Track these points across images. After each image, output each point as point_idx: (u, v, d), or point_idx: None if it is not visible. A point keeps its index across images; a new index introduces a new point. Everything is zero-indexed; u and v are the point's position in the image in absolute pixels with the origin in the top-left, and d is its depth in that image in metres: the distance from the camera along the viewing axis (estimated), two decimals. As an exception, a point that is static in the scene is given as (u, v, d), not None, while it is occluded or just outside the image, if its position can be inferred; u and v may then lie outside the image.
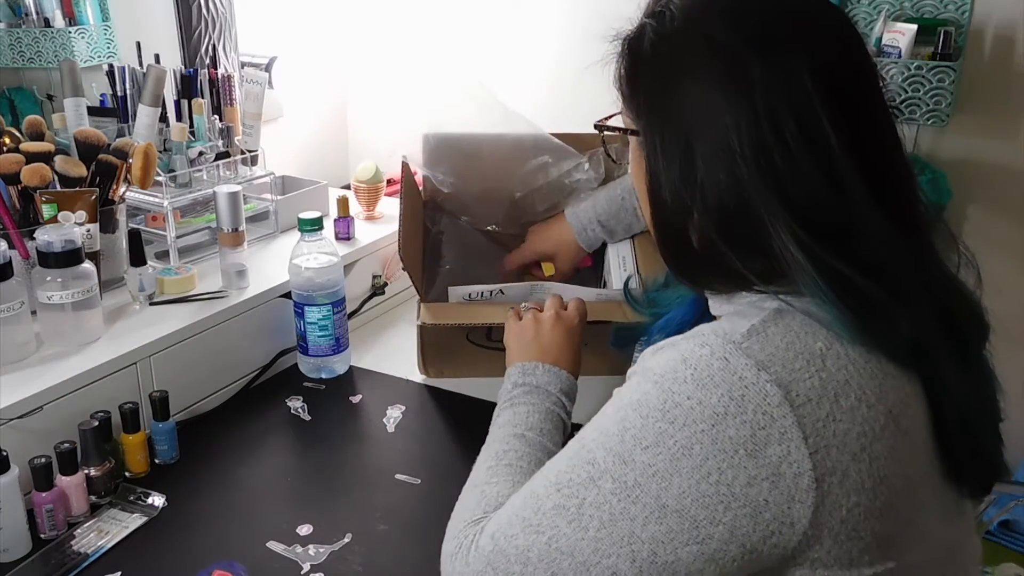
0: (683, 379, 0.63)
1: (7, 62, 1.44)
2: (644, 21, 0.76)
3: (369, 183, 1.64)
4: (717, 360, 0.62)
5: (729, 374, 0.61)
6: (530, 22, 1.78)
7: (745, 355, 0.62)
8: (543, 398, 0.94)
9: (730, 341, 0.63)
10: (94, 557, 0.96)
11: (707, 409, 0.61)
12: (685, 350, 0.64)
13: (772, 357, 0.62)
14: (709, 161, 0.66)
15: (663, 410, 0.63)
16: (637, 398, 0.65)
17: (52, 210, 1.18)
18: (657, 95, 0.72)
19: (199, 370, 1.24)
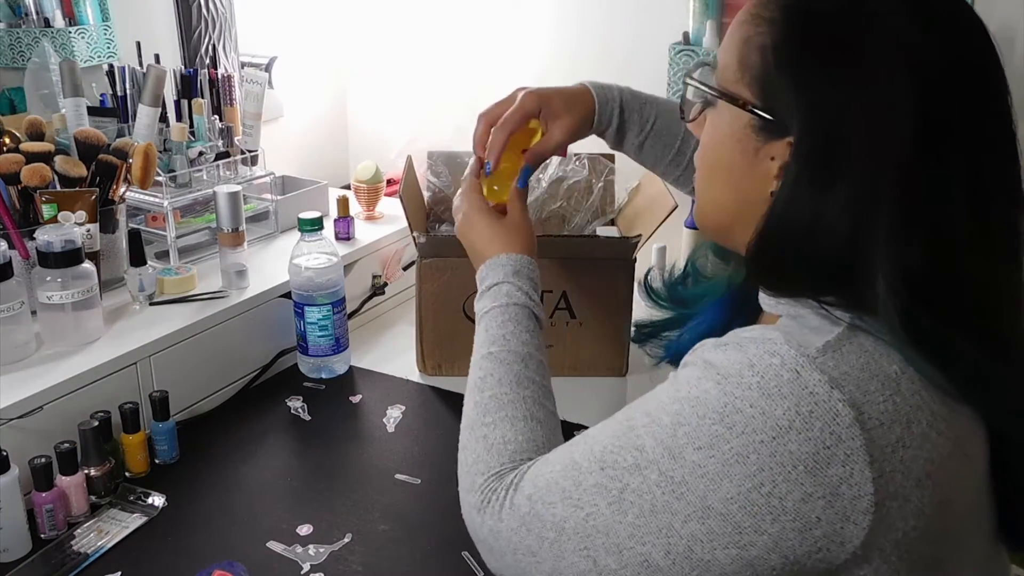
0: (748, 385, 0.60)
1: (7, 62, 1.44)
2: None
3: (369, 183, 1.64)
4: (788, 372, 0.59)
5: (799, 388, 0.59)
6: (530, 22, 1.78)
7: (819, 370, 0.59)
8: (493, 299, 0.91)
9: (804, 354, 0.60)
10: (94, 557, 0.96)
11: (770, 420, 0.59)
12: (753, 355, 0.61)
13: (846, 376, 0.59)
14: (857, 179, 0.62)
15: (722, 413, 0.61)
16: (696, 394, 0.63)
17: (52, 210, 1.18)
18: (828, 85, 0.63)
19: (199, 370, 1.24)
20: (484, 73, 1.85)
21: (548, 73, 1.77)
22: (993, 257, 0.63)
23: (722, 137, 0.70)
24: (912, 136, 0.61)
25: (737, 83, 0.68)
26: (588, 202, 1.46)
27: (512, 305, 0.89)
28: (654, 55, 1.59)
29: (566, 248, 1.30)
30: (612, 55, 1.70)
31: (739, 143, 0.69)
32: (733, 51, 0.69)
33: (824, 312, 0.65)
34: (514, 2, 1.78)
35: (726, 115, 0.70)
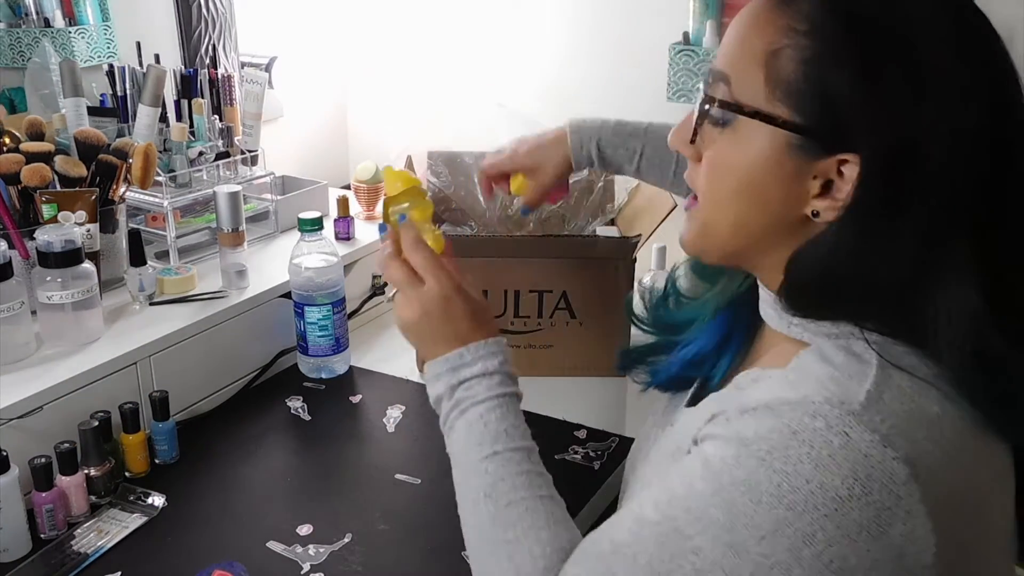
0: (798, 458, 0.57)
1: (7, 62, 1.44)
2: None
3: (369, 183, 1.64)
4: (836, 436, 0.56)
5: (852, 452, 0.56)
6: (530, 22, 1.78)
7: (868, 429, 0.56)
8: (487, 388, 0.77)
9: (849, 412, 0.57)
10: (94, 557, 0.96)
11: (830, 492, 0.56)
12: (793, 421, 0.58)
13: (894, 429, 0.57)
14: (934, 202, 0.59)
15: (778, 495, 0.57)
16: (743, 477, 0.58)
17: (52, 210, 1.18)
18: (909, 102, 0.59)
19: (199, 370, 1.24)
20: (484, 73, 1.85)
21: (548, 73, 1.77)
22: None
23: (750, 157, 0.65)
24: (989, 157, 0.59)
25: (768, 100, 0.63)
26: (588, 202, 1.46)
27: (509, 396, 0.78)
28: (654, 55, 1.59)
29: (566, 248, 1.30)
30: (612, 55, 1.70)
31: (774, 163, 0.64)
32: (753, 65, 0.64)
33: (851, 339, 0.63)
34: (514, 2, 1.78)
35: (754, 134, 0.64)
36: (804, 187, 0.64)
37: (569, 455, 1.15)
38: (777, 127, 0.63)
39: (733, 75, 0.65)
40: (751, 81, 0.64)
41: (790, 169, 0.64)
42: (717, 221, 0.70)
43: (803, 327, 0.68)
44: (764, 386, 0.64)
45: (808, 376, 0.61)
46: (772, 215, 0.66)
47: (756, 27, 0.65)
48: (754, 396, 0.63)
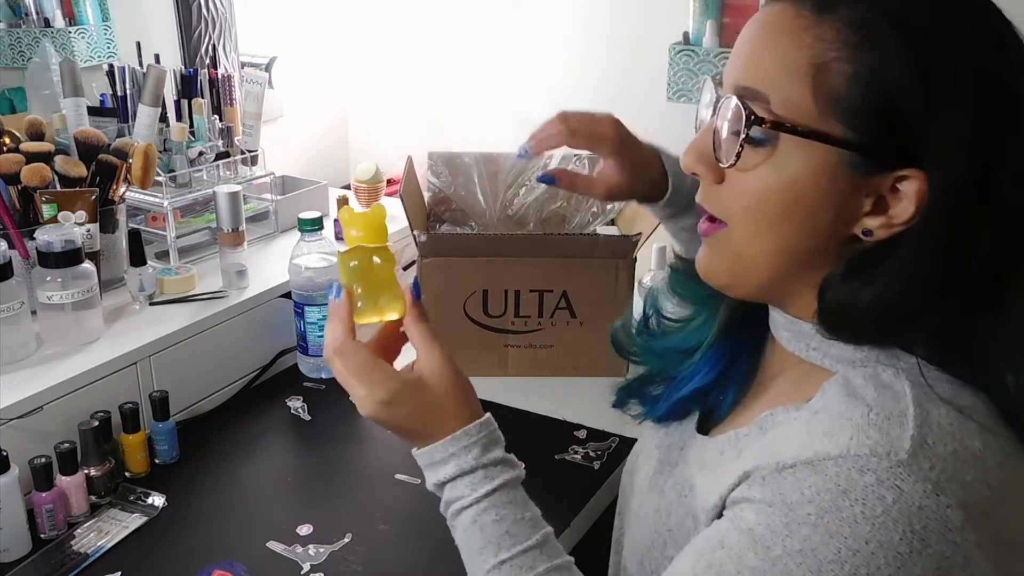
0: (853, 519, 0.54)
1: (7, 62, 1.44)
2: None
3: (369, 183, 1.64)
4: (889, 491, 0.54)
5: (906, 505, 0.54)
6: (530, 22, 1.78)
7: (919, 479, 0.54)
8: (471, 486, 0.71)
9: (898, 463, 0.55)
10: (94, 557, 0.96)
11: (890, 551, 0.54)
12: (839, 478, 0.55)
13: (944, 474, 0.55)
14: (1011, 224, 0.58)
15: (839, 561, 0.54)
16: (797, 546, 0.56)
17: (52, 210, 1.18)
18: (982, 118, 0.57)
19: (199, 370, 1.24)
20: (483, 73, 1.85)
21: (547, 72, 1.77)
22: None
23: (799, 177, 0.61)
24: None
25: (819, 117, 0.59)
26: (588, 202, 1.46)
27: (500, 488, 0.71)
28: (654, 55, 1.59)
29: (566, 247, 1.30)
30: (612, 55, 1.70)
31: (826, 182, 0.60)
32: (795, 80, 0.60)
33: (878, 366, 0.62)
34: (514, 3, 1.78)
35: (801, 152, 0.60)
36: (856, 205, 0.61)
37: (569, 455, 1.15)
38: (833, 145, 0.59)
39: (772, 91, 0.60)
40: (795, 97, 0.60)
41: (843, 187, 0.60)
42: (756, 248, 0.65)
43: (823, 352, 0.66)
44: (793, 430, 0.62)
45: (841, 420, 0.58)
46: (819, 237, 0.62)
47: (791, 39, 0.60)
48: (787, 447, 0.60)
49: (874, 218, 0.60)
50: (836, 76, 0.58)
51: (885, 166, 0.59)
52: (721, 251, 0.67)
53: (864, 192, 0.60)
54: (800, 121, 0.60)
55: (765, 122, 0.60)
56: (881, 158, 0.59)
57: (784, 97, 0.60)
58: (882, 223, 0.60)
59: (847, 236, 0.62)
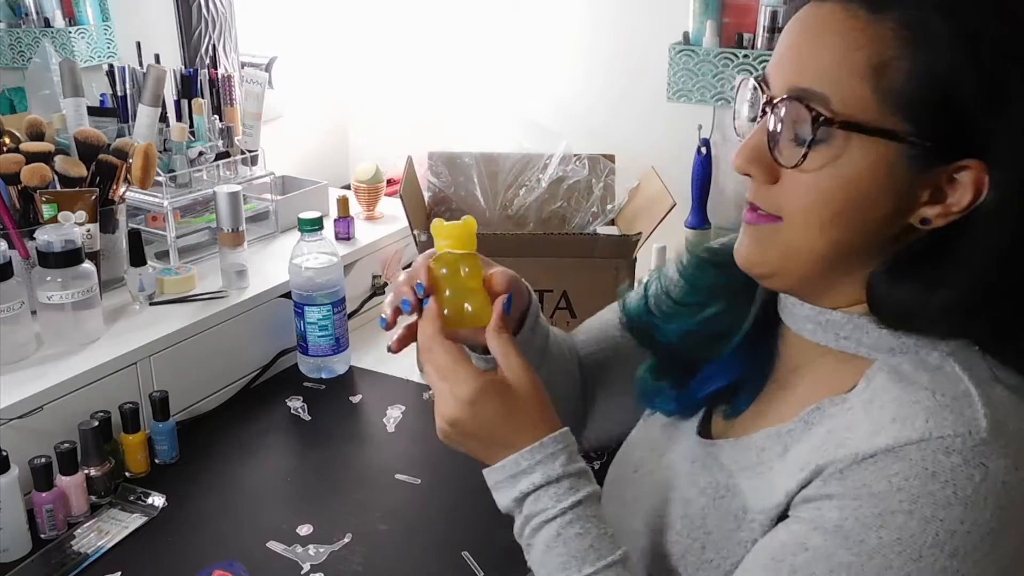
0: (946, 501, 0.56)
1: (7, 62, 1.44)
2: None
3: (369, 183, 1.64)
4: (976, 469, 0.56)
5: (993, 483, 0.56)
6: (530, 22, 1.78)
7: (1000, 455, 0.56)
8: (555, 499, 0.70)
9: (981, 441, 0.56)
10: (94, 557, 0.96)
11: (983, 529, 0.55)
12: (925, 462, 0.56)
13: (1020, 450, 0.57)
14: None
15: (938, 544, 0.55)
16: (894, 536, 0.56)
17: (52, 210, 1.18)
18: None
19: (199, 370, 1.24)
20: (483, 72, 1.85)
21: (548, 72, 1.77)
22: None
23: (861, 173, 0.62)
24: None
25: (881, 114, 0.60)
26: (588, 202, 1.46)
27: (583, 501, 0.70)
28: (654, 55, 1.59)
29: (566, 247, 1.30)
30: (612, 55, 1.70)
31: (886, 177, 0.61)
32: (855, 79, 0.61)
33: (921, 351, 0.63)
34: (514, 3, 1.78)
35: (862, 150, 0.61)
36: (914, 197, 0.62)
37: (569, 455, 1.14)
38: (895, 141, 0.60)
39: (832, 91, 0.61)
40: (857, 96, 0.61)
41: (902, 181, 0.62)
42: (810, 245, 0.65)
43: (856, 341, 0.67)
44: (851, 421, 0.63)
45: (908, 405, 0.60)
46: (874, 231, 0.64)
47: (847, 39, 0.61)
48: (855, 438, 0.60)
49: (931, 207, 0.62)
50: (896, 73, 0.60)
51: (945, 158, 0.60)
52: (769, 243, 0.68)
53: (923, 184, 0.62)
54: (863, 119, 0.61)
55: (832, 122, 0.61)
56: (942, 150, 0.60)
57: (845, 96, 0.61)
58: (939, 212, 0.62)
59: (901, 228, 0.63)
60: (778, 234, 0.67)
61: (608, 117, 1.70)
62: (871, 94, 0.60)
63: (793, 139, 0.63)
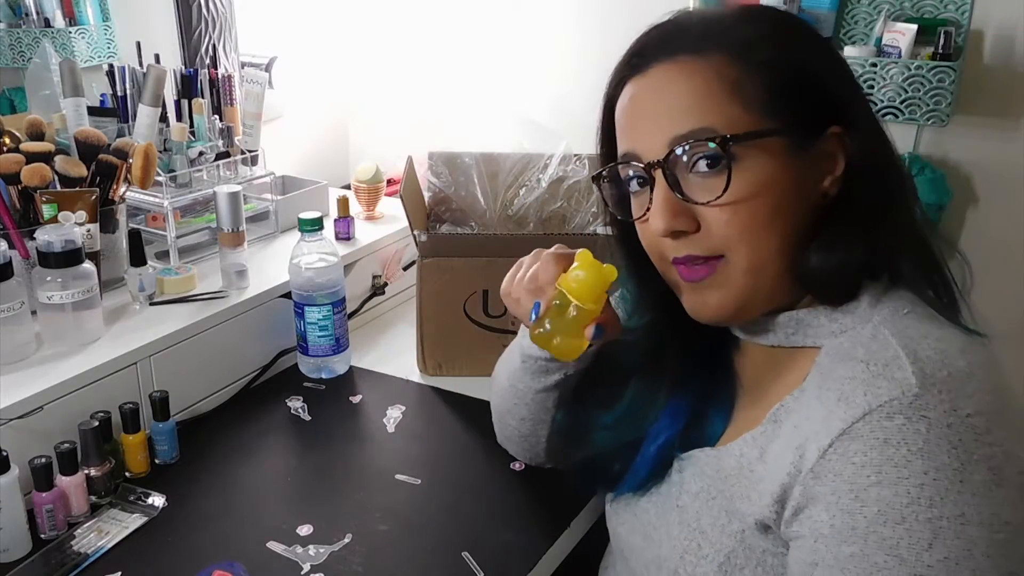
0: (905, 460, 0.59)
1: (7, 62, 1.44)
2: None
3: (369, 183, 1.64)
4: (919, 422, 0.60)
5: (938, 428, 0.60)
6: (530, 21, 1.78)
7: (936, 403, 0.60)
8: None
9: (914, 397, 0.61)
10: (94, 557, 0.96)
11: (947, 472, 0.59)
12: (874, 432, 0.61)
13: (951, 393, 0.61)
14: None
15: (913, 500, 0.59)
16: (875, 510, 0.60)
17: (52, 210, 1.18)
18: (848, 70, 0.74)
19: (199, 370, 1.24)
20: (483, 72, 1.85)
21: (548, 72, 1.77)
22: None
23: (768, 176, 0.69)
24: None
25: (758, 122, 0.69)
26: (588, 202, 1.46)
27: None
28: (654, 55, 1.59)
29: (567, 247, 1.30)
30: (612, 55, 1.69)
31: (786, 168, 0.69)
32: (725, 105, 0.69)
33: (858, 327, 0.69)
34: (514, 3, 1.78)
35: (759, 157, 0.69)
36: (813, 175, 0.71)
37: (569, 455, 1.15)
38: (779, 136, 0.68)
39: (712, 122, 0.68)
40: (732, 117, 0.68)
41: (799, 166, 0.69)
42: (763, 254, 0.70)
43: (803, 334, 0.72)
44: (810, 410, 0.66)
45: (847, 382, 0.64)
46: (802, 216, 0.70)
47: (696, 81, 0.69)
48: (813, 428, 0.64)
49: (826, 180, 0.71)
50: (750, 86, 0.69)
51: (815, 133, 0.70)
52: (730, 279, 0.71)
53: (812, 163, 0.70)
54: (750, 130, 0.68)
55: (735, 140, 0.68)
56: (810, 128, 0.70)
57: (726, 121, 0.68)
58: (831, 181, 0.71)
59: (816, 206, 0.71)
60: (730, 268, 0.71)
61: (608, 117, 1.70)
62: (742, 111, 0.68)
63: (699, 179, 0.69)
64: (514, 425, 1.00)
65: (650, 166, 0.71)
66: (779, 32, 0.72)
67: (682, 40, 0.72)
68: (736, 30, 0.71)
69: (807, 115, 0.70)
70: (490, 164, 1.46)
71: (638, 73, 0.73)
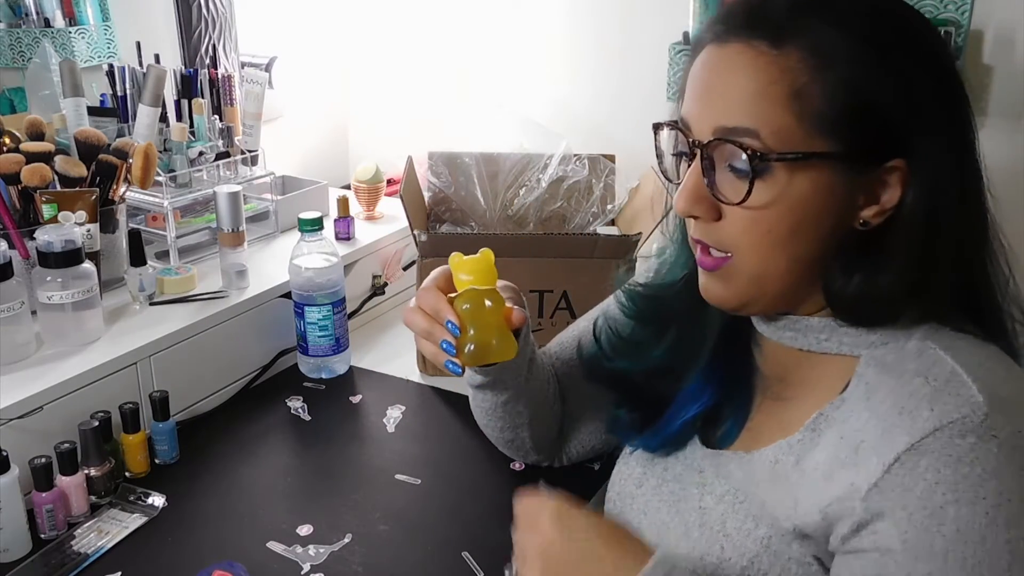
0: (980, 480, 0.58)
1: (7, 62, 1.44)
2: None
3: (369, 183, 1.64)
4: (991, 442, 0.59)
5: (1009, 449, 0.59)
6: (530, 21, 1.78)
7: (1005, 423, 0.60)
8: None
9: (984, 416, 0.59)
10: (94, 557, 0.96)
11: (1019, 492, 0.58)
12: (946, 449, 0.59)
13: (1016, 414, 0.60)
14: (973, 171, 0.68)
15: (992, 521, 0.58)
16: (954, 529, 0.58)
17: (52, 210, 1.18)
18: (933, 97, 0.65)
19: (199, 370, 1.24)
20: (484, 72, 1.85)
21: (548, 72, 1.77)
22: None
23: (800, 198, 0.65)
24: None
25: (807, 139, 0.64)
26: (588, 202, 1.46)
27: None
28: (654, 55, 1.59)
29: (566, 247, 1.30)
30: (612, 55, 1.70)
31: (826, 194, 0.65)
32: (778, 110, 0.64)
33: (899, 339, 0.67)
34: (514, 3, 1.78)
35: (798, 175, 0.64)
36: (853, 204, 0.66)
37: (569, 455, 1.15)
38: (827, 160, 0.64)
39: (760, 126, 0.64)
40: (784, 126, 0.64)
41: (840, 193, 0.65)
42: (770, 269, 0.68)
43: (838, 341, 0.70)
44: (860, 423, 0.64)
45: (906, 396, 0.62)
46: (825, 241, 0.67)
47: (759, 74, 0.64)
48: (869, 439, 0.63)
49: (868, 209, 0.66)
50: (814, 98, 0.63)
51: (874, 163, 0.65)
52: (731, 279, 0.70)
53: (858, 190, 0.66)
54: (794, 147, 0.64)
55: (768, 157, 0.64)
56: (870, 157, 0.65)
57: (774, 129, 0.64)
58: (876, 211, 0.66)
59: (848, 231, 0.67)
60: (735, 268, 0.70)
61: (608, 117, 1.70)
62: (796, 122, 0.64)
63: (731, 177, 0.67)
64: (495, 435, 1.04)
65: (694, 143, 0.68)
66: (881, 43, 0.64)
67: (766, 22, 0.65)
68: (829, 27, 0.64)
69: (868, 144, 0.64)
70: (490, 164, 1.46)
71: (717, 42, 0.67)
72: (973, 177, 0.68)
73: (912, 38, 0.65)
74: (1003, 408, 0.60)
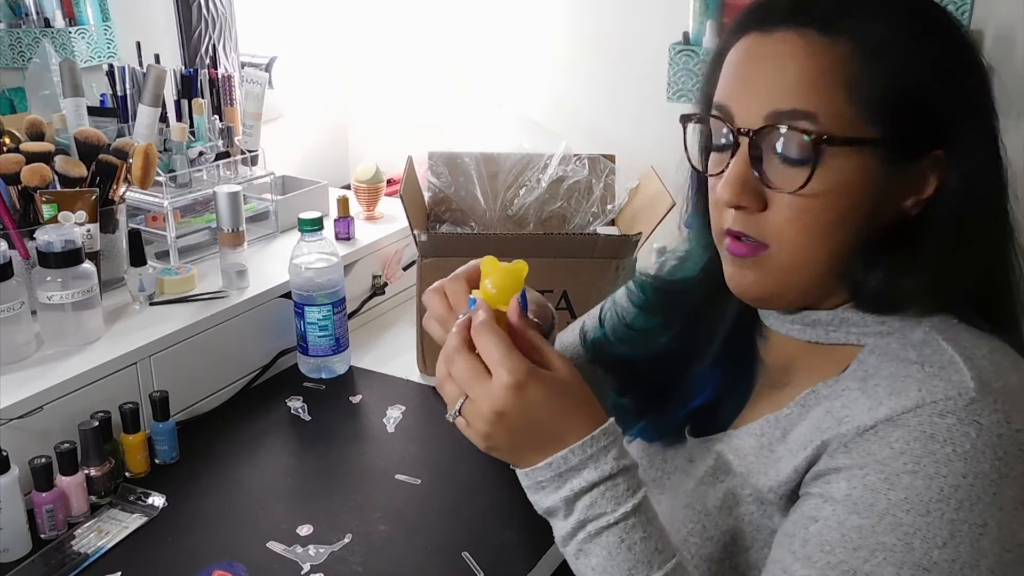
0: (946, 458, 0.58)
1: (7, 62, 1.44)
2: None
3: (369, 183, 1.64)
4: (970, 426, 0.59)
5: (988, 436, 0.59)
6: (530, 21, 1.78)
7: (991, 411, 0.59)
8: (614, 502, 0.65)
9: (970, 400, 0.60)
10: (94, 557, 0.96)
11: (984, 480, 0.58)
12: (923, 426, 0.60)
13: (1007, 404, 0.60)
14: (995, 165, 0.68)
15: (943, 498, 0.58)
16: (902, 496, 0.59)
17: (52, 210, 1.18)
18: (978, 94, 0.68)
19: (199, 370, 1.24)
20: (484, 72, 1.85)
21: (548, 72, 1.77)
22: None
23: (848, 184, 0.65)
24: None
25: (861, 125, 0.64)
26: (588, 202, 1.46)
27: (646, 500, 0.67)
28: (654, 55, 1.59)
29: (566, 247, 1.30)
30: (612, 55, 1.70)
31: (872, 182, 0.65)
32: (835, 96, 0.64)
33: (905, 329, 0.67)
34: (514, 3, 1.78)
35: (846, 162, 0.64)
36: (896, 192, 0.66)
37: (569, 455, 1.14)
38: (878, 147, 0.64)
39: (818, 110, 0.64)
40: (839, 111, 0.63)
41: (885, 181, 0.65)
42: (808, 259, 0.67)
43: (845, 332, 0.70)
44: (849, 399, 0.65)
45: (900, 379, 0.63)
46: (865, 231, 0.67)
47: (813, 61, 0.64)
48: (855, 414, 0.63)
49: (909, 199, 0.67)
50: (868, 85, 0.63)
51: (918, 153, 0.65)
52: (764, 270, 0.69)
53: (901, 179, 0.66)
54: (848, 133, 0.64)
55: (834, 140, 0.63)
56: (914, 147, 0.65)
57: (830, 113, 0.64)
58: (914, 201, 0.67)
59: (884, 223, 0.67)
60: (770, 260, 0.69)
61: (608, 117, 1.70)
62: (849, 108, 0.64)
63: (780, 164, 0.65)
64: None
65: (740, 132, 0.66)
66: (924, 36, 0.65)
67: (814, 11, 0.65)
68: (876, 20, 0.64)
69: (914, 132, 0.65)
70: (490, 164, 1.46)
71: (760, 29, 0.67)
72: (1000, 171, 0.68)
73: (947, 31, 0.67)
74: (996, 396, 0.60)
